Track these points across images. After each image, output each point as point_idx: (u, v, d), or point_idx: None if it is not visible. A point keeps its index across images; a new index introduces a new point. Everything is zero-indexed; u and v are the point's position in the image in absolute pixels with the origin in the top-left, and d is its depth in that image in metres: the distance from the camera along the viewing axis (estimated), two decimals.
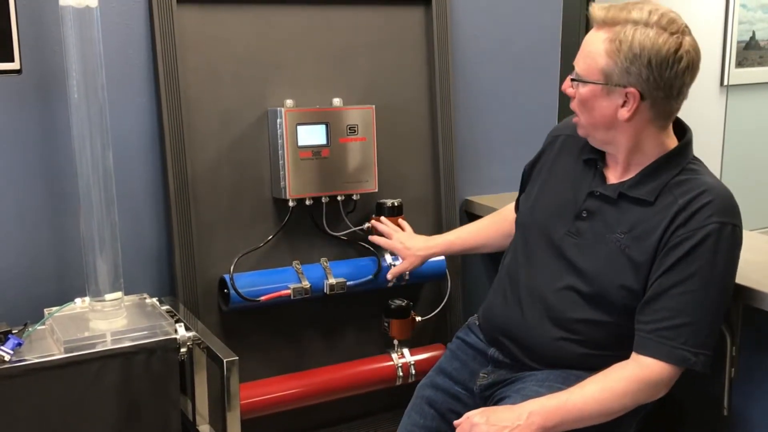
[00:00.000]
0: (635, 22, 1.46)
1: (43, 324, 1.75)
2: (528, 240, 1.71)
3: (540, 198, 1.72)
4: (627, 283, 1.53)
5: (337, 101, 2.14)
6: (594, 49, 1.50)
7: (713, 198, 1.48)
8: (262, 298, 2.05)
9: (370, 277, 2.18)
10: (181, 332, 1.74)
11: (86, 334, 1.69)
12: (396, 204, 2.18)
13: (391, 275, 2.12)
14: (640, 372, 1.49)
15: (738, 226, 1.50)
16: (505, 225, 1.94)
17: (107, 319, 1.75)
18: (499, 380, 1.71)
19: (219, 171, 2.07)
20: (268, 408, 2.12)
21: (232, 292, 2.03)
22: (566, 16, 2.58)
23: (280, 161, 2.07)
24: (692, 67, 1.48)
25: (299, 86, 2.13)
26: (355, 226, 2.20)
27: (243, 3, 2.05)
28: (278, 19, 2.09)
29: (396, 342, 2.27)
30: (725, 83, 4.43)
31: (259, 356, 2.17)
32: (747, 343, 1.72)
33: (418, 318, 2.27)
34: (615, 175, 1.61)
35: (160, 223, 2.05)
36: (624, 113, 1.50)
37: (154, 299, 1.91)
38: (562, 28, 2.54)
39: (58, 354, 1.64)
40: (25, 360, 1.61)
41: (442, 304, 2.32)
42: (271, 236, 2.14)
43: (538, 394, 1.55)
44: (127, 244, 1.91)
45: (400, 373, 2.26)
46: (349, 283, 2.15)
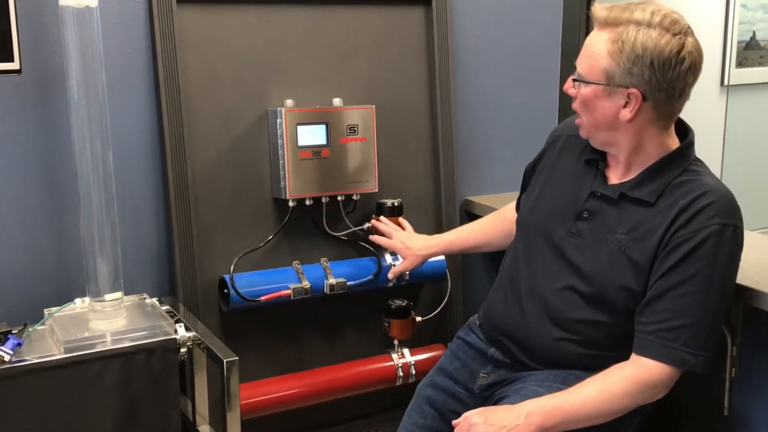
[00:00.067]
0: (638, 23, 1.46)
1: (43, 324, 1.75)
2: (528, 240, 1.71)
3: (541, 198, 1.72)
4: (627, 283, 1.53)
5: (337, 101, 2.14)
6: (596, 50, 1.50)
7: (715, 199, 1.48)
8: (262, 298, 2.05)
9: (371, 277, 2.18)
10: (181, 332, 1.74)
11: (86, 334, 1.69)
12: (396, 204, 2.18)
13: (392, 275, 2.12)
14: (639, 373, 1.49)
15: (739, 228, 1.50)
16: (505, 224, 1.93)
17: (107, 320, 1.75)
18: (499, 380, 1.71)
19: (219, 171, 2.07)
20: (268, 408, 2.12)
21: (232, 292, 2.02)
22: (566, 17, 2.58)
23: (280, 161, 2.07)
24: (695, 68, 1.48)
25: (299, 86, 2.13)
26: (355, 226, 2.20)
27: (243, 3, 2.05)
28: (278, 20, 2.09)
29: (396, 342, 2.27)
30: (725, 83, 4.42)
31: (259, 356, 2.17)
32: (747, 343, 1.72)
33: (419, 318, 2.27)
34: (616, 175, 1.60)
35: (160, 223, 2.04)
36: (626, 114, 1.50)
37: (154, 299, 1.91)
38: (562, 29, 2.54)
39: (58, 354, 1.64)
40: (25, 360, 1.61)
41: (443, 304, 2.32)
42: (271, 236, 2.13)
43: (537, 394, 1.55)
44: (127, 244, 1.91)
45: (401, 373, 2.26)
46: (350, 283, 2.15)
